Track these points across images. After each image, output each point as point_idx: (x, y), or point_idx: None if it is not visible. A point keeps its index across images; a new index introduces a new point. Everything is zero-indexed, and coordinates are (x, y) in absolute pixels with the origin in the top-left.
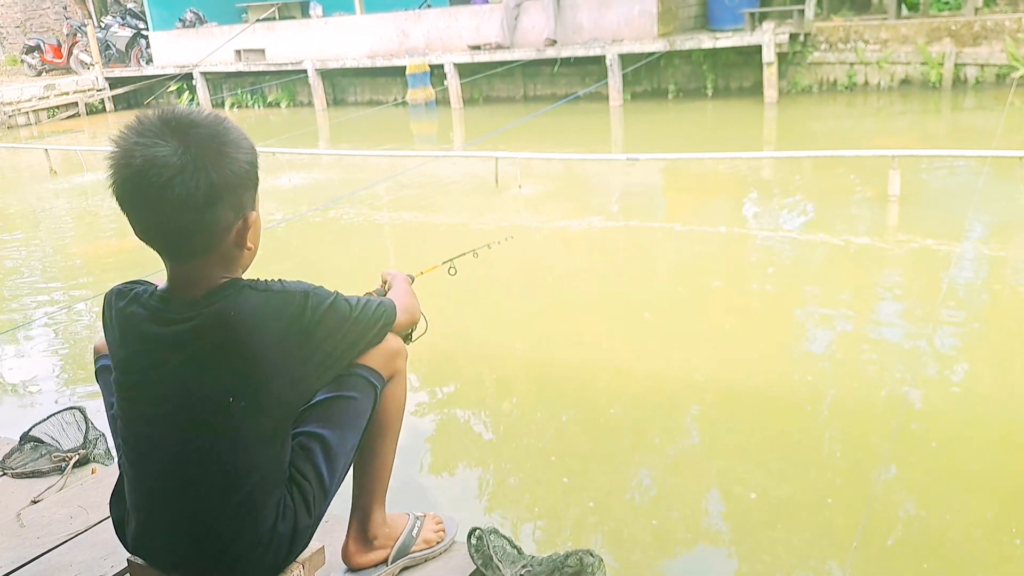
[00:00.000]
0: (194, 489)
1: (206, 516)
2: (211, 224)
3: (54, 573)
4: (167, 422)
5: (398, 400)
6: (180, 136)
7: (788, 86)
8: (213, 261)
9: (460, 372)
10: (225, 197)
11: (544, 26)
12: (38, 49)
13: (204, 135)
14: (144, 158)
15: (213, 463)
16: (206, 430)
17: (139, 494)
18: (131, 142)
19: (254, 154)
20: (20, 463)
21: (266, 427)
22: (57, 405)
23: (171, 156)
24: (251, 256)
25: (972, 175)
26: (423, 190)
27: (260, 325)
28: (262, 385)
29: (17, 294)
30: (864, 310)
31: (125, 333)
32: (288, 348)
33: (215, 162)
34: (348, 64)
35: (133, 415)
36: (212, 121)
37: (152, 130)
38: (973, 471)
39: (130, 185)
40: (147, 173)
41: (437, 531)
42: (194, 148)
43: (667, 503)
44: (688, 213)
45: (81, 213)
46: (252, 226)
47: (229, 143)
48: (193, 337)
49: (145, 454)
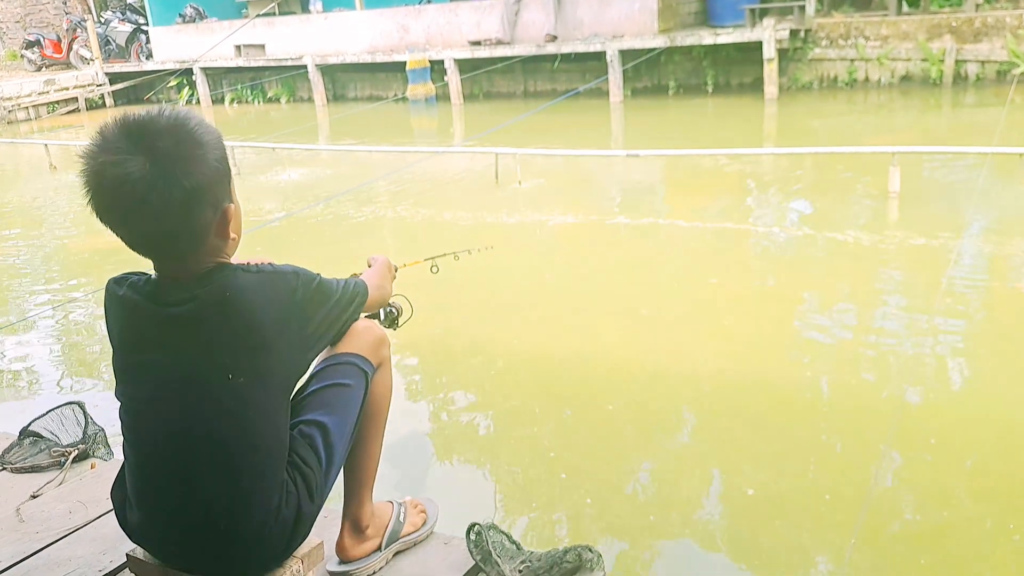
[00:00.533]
0: (197, 470)
1: (209, 498)
2: (193, 226)
3: (53, 568)
4: (168, 403)
5: (386, 388)
6: (146, 148)
7: (788, 82)
8: (200, 256)
9: (457, 366)
10: (201, 198)
11: (544, 22)
12: (38, 44)
13: (170, 144)
14: (114, 177)
15: (215, 443)
16: (207, 409)
17: (141, 479)
18: (99, 161)
19: (221, 147)
20: (19, 458)
21: (265, 403)
22: (56, 400)
23: (139, 172)
24: (235, 245)
25: (972, 172)
26: (423, 186)
27: (257, 303)
28: (260, 361)
29: (16, 289)
30: (864, 306)
31: (124, 319)
32: (283, 325)
33: (184, 168)
34: (348, 59)
35: (135, 398)
36: (174, 125)
37: (116, 144)
38: (972, 467)
39: (105, 205)
40: (120, 192)
41: (420, 513)
42: (162, 159)
43: (666, 498)
44: (688, 209)
45: (80, 208)
46: (232, 217)
47: (194, 144)
48: (192, 317)
49: (146, 437)
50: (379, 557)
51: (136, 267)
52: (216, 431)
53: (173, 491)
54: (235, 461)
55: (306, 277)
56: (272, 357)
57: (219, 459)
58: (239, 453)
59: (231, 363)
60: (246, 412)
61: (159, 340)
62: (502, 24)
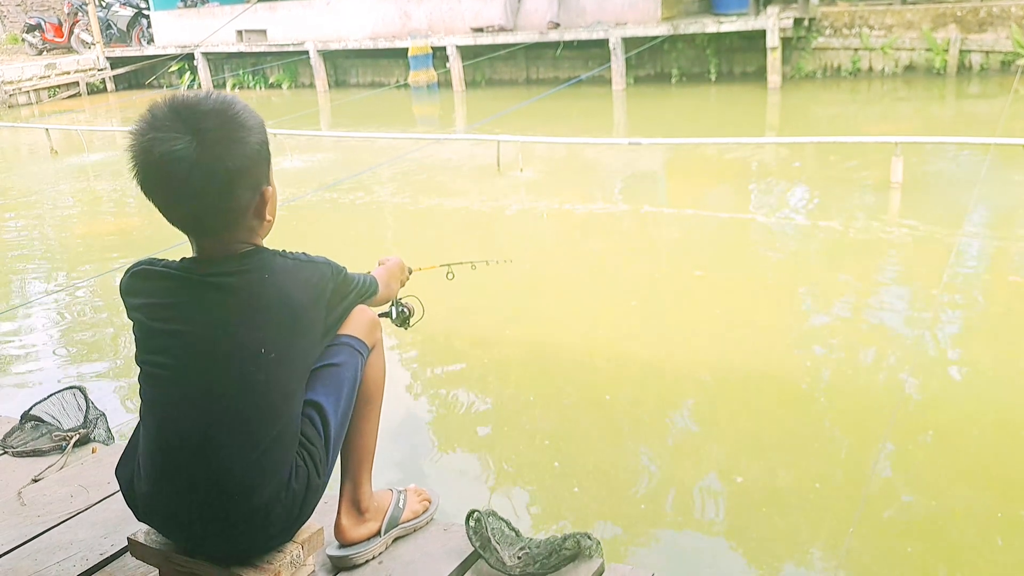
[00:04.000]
0: (215, 439)
1: (224, 467)
2: (232, 204)
3: (54, 551)
4: (193, 371)
5: (381, 369)
6: (193, 128)
7: (792, 71)
8: (237, 234)
9: (456, 356)
10: (242, 179)
11: (547, 9)
12: (39, 28)
13: (214, 124)
14: (162, 153)
15: (236, 413)
16: (234, 380)
17: (156, 447)
18: (148, 137)
19: (264, 132)
20: (21, 442)
21: (287, 382)
22: (57, 384)
23: (187, 149)
24: (269, 227)
25: (975, 162)
26: (424, 173)
27: (292, 287)
28: (289, 341)
29: (17, 273)
30: (865, 297)
31: (154, 288)
32: (313, 310)
33: (228, 148)
34: (350, 45)
35: (159, 364)
36: (221, 108)
37: (166, 123)
38: (971, 458)
39: (152, 179)
40: (167, 168)
41: (422, 501)
42: (208, 138)
43: (665, 488)
44: (689, 198)
45: (82, 193)
46: (269, 199)
47: (239, 127)
48: (230, 288)
49: (168, 403)
50: (379, 542)
51: (140, 252)
52: (238, 402)
53: (188, 458)
54: (254, 433)
55: (336, 269)
56: (300, 340)
57: (238, 429)
58: (258, 426)
59: (264, 337)
60: (269, 387)
61: (192, 308)
62: (504, 11)
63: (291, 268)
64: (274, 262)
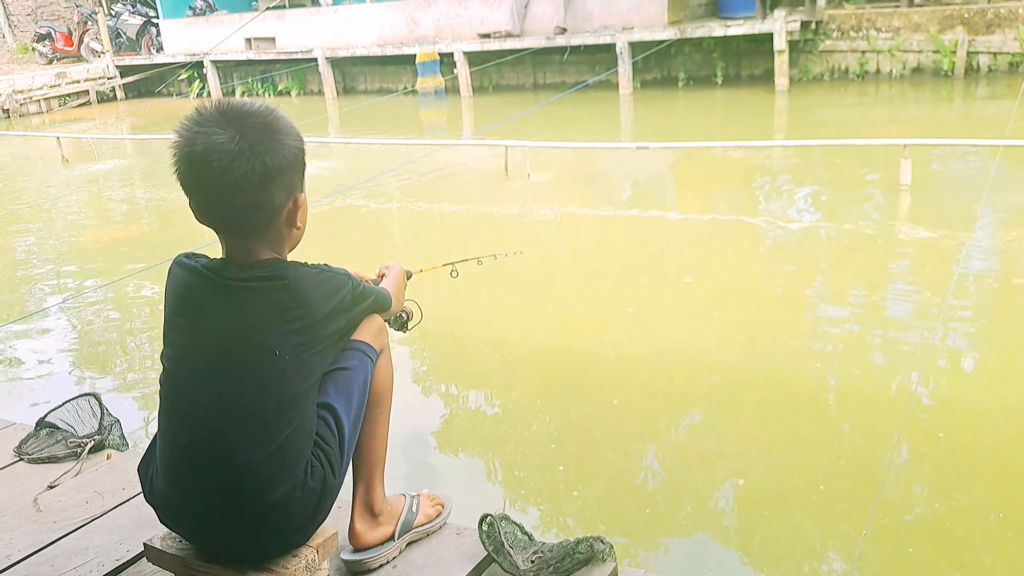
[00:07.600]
0: (232, 437)
1: (241, 465)
2: (266, 204)
3: (71, 557)
4: (213, 369)
5: (389, 373)
6: (236, 124)
7: (799, 74)
8: (267, 240)
9: (464, 360)
10: (278, 179)
11: (554, 14)
12: (49, 37)
13: (258, 123)
14: (205, 145)
15: (253, 413)
16: (250, 380)
17: (175, 445)
18: (192, 131)
19: (302, 141)
20: (36, 449)
21: (301, 386)
22: (72, 391)
23: (229, 143)
24: (299, 236)
25: (984, 164)
26: (432, 178)
27: (312, 295)
28: (306, 346)
29: (32, 281)
30: (874, 299)
31: (185, 285)
32: (330, 319)
33: (268, 147)
34: (358, 52)
35: (180, 361)
36: (264, 111)
37: (211, 119)
38: (982, 459)
39: (193, 170)
40: (208, 158)
41: (435, 505)
42: (249, 135)
43: (675, 491)
44: (697, 202)
45: (93, 201)
46: (301, 206)
47: (280, 130)
48: (252, 291)
49: (187, 401)
50: (392, 547)
51: (154, 259)
52: (255, 402)
53: (205, 456)
54: (270, 432)
55: (354, 281)
56: (315, 345)
57: (255, 429)
58: (275, 426)
59: (280, 340)
60: (285, 389)
61: (216, 309)
62: (511, 16)
63: (310, 275)
64: (295, 269)
